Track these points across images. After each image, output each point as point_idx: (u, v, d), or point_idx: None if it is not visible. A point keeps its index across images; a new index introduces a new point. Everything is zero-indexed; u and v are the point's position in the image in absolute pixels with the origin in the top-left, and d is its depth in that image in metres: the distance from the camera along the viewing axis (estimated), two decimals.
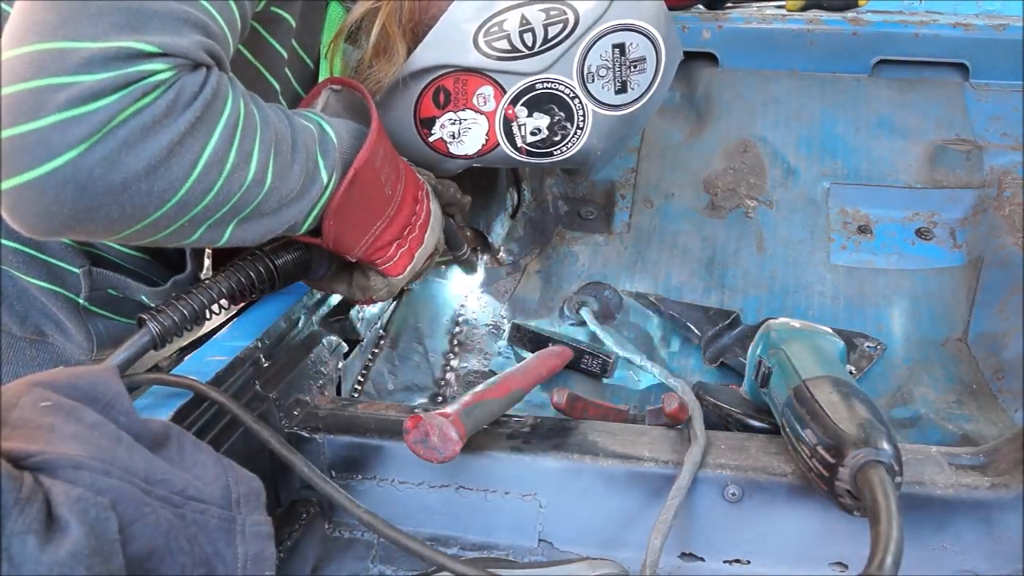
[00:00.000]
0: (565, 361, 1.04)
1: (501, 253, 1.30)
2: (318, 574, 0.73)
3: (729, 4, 1.63)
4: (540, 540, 0.74)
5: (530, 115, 0.93)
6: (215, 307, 0.76)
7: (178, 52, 0.56)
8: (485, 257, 1.28)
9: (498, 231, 1.30)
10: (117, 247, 0.87)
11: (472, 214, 1.28)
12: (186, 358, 0.77)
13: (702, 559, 0.71)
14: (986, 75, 1.41)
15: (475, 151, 0.95)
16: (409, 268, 0.87)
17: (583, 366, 1.07)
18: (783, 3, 1.59)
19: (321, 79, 0.90)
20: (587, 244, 1.31)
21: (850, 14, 1.51)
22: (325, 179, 0.73)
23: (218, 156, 0.60)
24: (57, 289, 0.83)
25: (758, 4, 1.65)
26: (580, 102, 0.93)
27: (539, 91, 0.92)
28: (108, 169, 0.54)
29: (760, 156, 1.35)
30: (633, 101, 0.95)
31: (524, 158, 0.97)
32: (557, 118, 0.93)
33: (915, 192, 1.27)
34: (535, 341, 1.11)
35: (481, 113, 0.93)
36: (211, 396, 0.69)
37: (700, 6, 1.60)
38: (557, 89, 0.92)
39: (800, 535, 0.69)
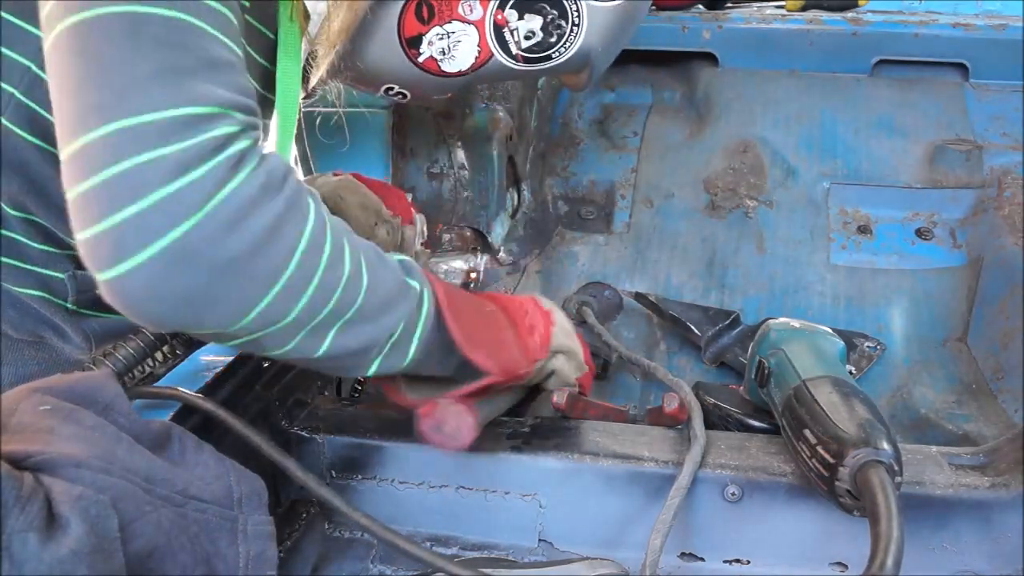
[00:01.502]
0: None
1: (501, 253, 1.30)
2: (318, 574, 0.73)
3: (729, 4, 1.63)
4: (540, 540, 0.74)
5: (521, 17, 0.87)
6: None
7: (230, 105, 0.56)
8: (485, 257, 1.28)
9: (498, 231, 1.30)
10: None
11: (472, 214, 1.28)
12: (185, 359, 0.78)
13: (702, 559, 0.71)
14: (986, 75, 1.41)
15: (468, 65, 0.90)
16: (549, 334, 0.83)
17: None
18: (783, 3, 1.59)
19: (286, 46, 0.88)
20: (587, 244, 1.31)
21: (850, 14, 1.51)
22: (417, 285, 0.70)
23: (316, 242, 0.59)
24: (47, 296, 0.83)
25: (758, 4, 1.65)
26: None
27: None
28: (216, 246, 0.53)
29: (760, 156, 1.35)
30: None
31: (522, 66, 0.91)
32: (550, 17, 0.87)
33: (915, 192, 1.27)
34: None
35: (469, 23, 0.87)
36: (198, 405, 0.68)
37: (700, 6, 1.60)
38: None
39: (800, 535, 0.69)
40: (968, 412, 0.98)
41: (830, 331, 0.79)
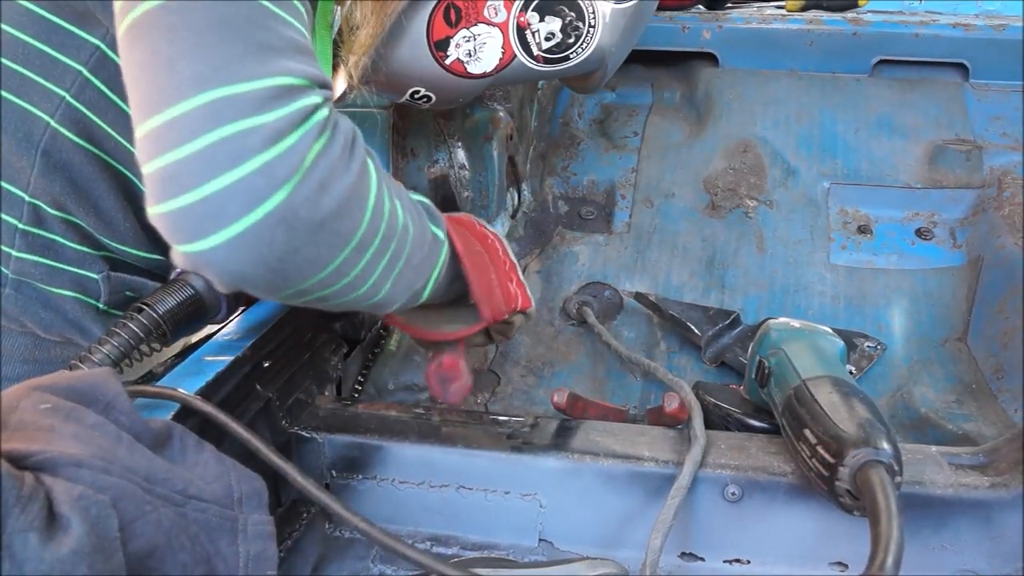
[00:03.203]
0: None
1: None
2: (318, 573, 0.73)
3: (729, 4, 1.63)
4: (540, 540, 0.74)
5: (542, 20, 0.91)
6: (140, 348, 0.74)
7: (316, 80, 0.57)
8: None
9: (498, 231, 1.30)
10: (133, 250, 0.87)
11: (472, 214, 1.28)
12: (185, 359, 0.78)
13: (702, 559, 0.71)
14: (986, 75, 1.41)
15: (493, 67, 0.94)
16: (529, 291, 0.92)
17: None
18: (783, 3, 1.59)
19: (321, 50, 0.90)
20: (587, 244, 1.31)
21: (850, 14, 1.51)
22: (442, 235, 0.77)
23: (380, 199, 0.63)
24: (79, 296, 0.84)
25: (758, 4, 1.65)
26: None
27: None
28: (312, 209, 0.55)
29: (760, 156, 1.35)
30: None
31: (543, 67, 0.95)
32: (569, 19, 0.92)
33: (915, 192, 1.27)
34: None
35: (494, 25, 0.91)
36: (197, 407, 0.67)
37: (700, 6, 1.60)
38: None
39: (800, 535, 0.69)
40: (968, 412, 0.98)
41: (830, 331, 0.79)
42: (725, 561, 0.71)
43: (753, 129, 1.38)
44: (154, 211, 0.54)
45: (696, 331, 1.10)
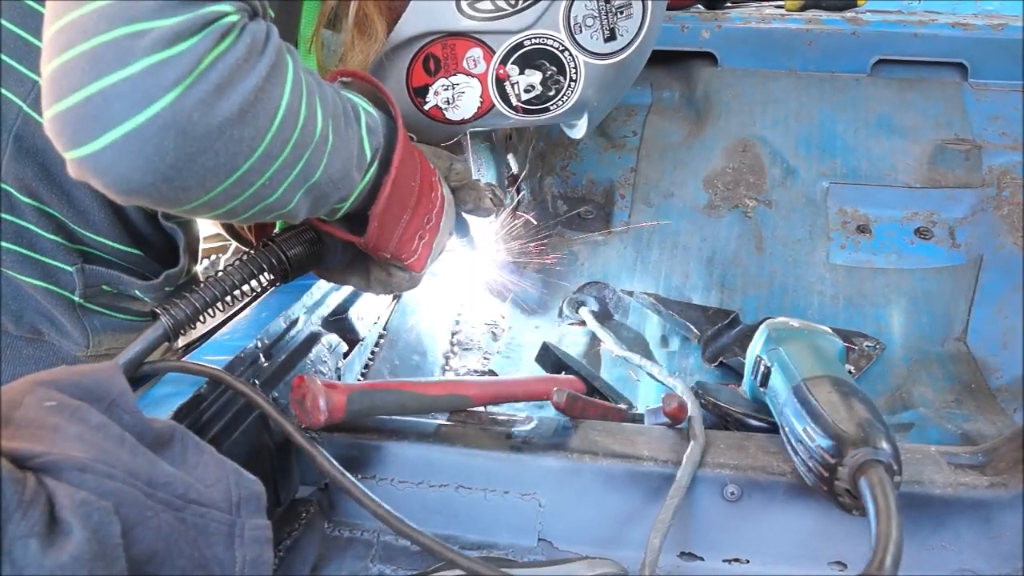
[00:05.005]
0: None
1: None
2: (318, 573, 0.73)
3: (728, 4, 1.63)
4: (540, 539, 0.74)
5: (522, 72, 0.93)
6: (228, 298, 0.75)
7: (241, 7, 0.56)
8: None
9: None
10: (110, 243, 0.87)
11: None
12: (185, 358, 0.78)
13: (701, 558, 0.71)
14: (985, 75, 1.41)
15: (471, 114, 0.95)
16: (429, 259, 0.87)
17: None
18: (782, 3, 1.59)
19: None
20: (587, 244, 1.31)
21: (849, 14, 1.51)
22: (369, 155, 0.73)
23: (293, 107, 0.60)
24: (52, 287, 0.84)
25: (757, 4, 1.65)
26: (570, 54, 0.92)
27: (528, 47, 0.91)
28: (206, 112, 0.53)
29: (759, 156, 1.35)
30: (624, 48, 0.94)
31: (521, 116, 0.96)
32: (549, 73, 0.93)
33: (914, 192, 1.27)
34: (556, 366, 1.09)
35: (473, 76, 0.92)
36: (230, 383, 0.69)
37: (700, 6, 1.60)
38: (546, 44, 0.91)
39: (799, 534, 0.69)
40: (967, 411, 0.98)
41: (829, 330, 0.79)
42: (724, 560, 0.71)
43: (752, 129, 1.38)
44: (45, 117, 0.52)
45: (695, 331, 1.10)
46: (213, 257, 1.79)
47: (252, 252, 0.79)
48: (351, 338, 1.03)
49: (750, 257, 1.24)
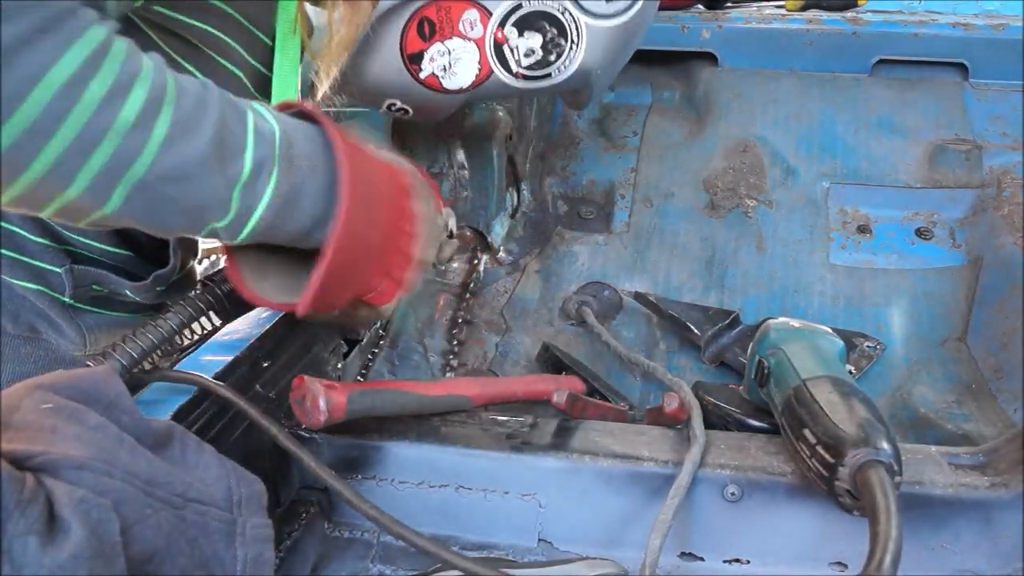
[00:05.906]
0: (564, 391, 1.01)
1: (501, 253, 1.30)
2: (318, 574, 0.73)
3: (729, 4, 1.63)
4: (540, 540, 0.74)
5: (521, 35, 0.88)
6: (165, 345, 0.73)
7: None
8: (485, 257, 1.28)
9: (498, 231, 1.30)
10: (97, 244, 0.87)
11: (472, 214, 1.28)
12: (184, 358, 0.78)
13: (701, 559, 0.71)
14: (986, 75, 1.41)
15: (469, 82, 0.91)
16: (399, 294, 0.79)
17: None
18: (783, 3, 1.59)
19: (284, 53, 0.87)
20: (587, 244, 1.31)
21: (849, 14, 1.51)
22: (248, 165, 0.60)
23: (73, 78, 0.50)
24: (42, 289, 0.84)
25: (758, 4, 1.65)
26: (571, 15, 0.88)
27: (527, 9, 0.87)
28: None
29: (760, 156, 1.35)
30: (626, 8, 0.90)
31: (522, 84, 0.92)
32: (550, 35, 0.89)
33: (915, 192, 1.27)
34: (556, 366, 1.09)
35: (469, 40, 0.88)
36: (217, 391, 0.69)
37: (700, 6, 1.60)
38: (545, 4, 0.87)
39: (800, 535, 0.69)
40: (968, 412, 0.98)
41: (830, 331, 0.79)
42: (725, 561, 0.71)
43: (753, 129, 1.38)
44: None
45: (695, 331, 1.10)
46: (213, 257, 1.79)
47: (193, 293, 0.75)
48: (351, 338, 1.03)
49: (750, 257, 1.24)
